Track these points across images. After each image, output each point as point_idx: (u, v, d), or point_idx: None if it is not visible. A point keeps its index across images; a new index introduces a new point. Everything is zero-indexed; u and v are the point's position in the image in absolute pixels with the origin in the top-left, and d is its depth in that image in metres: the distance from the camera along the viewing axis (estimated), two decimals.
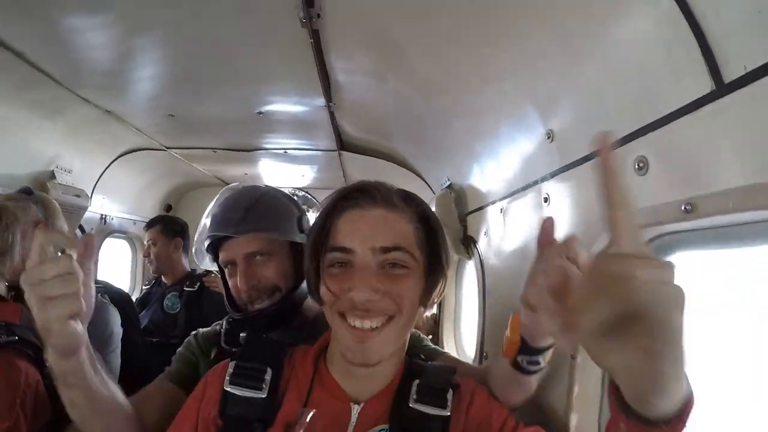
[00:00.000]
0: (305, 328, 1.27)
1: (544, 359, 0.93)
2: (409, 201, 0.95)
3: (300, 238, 1.31)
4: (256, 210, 1.31)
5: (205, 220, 1.37)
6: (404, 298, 0.89)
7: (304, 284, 1.16)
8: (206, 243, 1.34)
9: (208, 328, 1.40)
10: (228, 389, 0.94)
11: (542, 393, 1.16)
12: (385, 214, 0.91)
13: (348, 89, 1.96)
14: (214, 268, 1.42)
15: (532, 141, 1.25)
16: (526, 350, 0.91)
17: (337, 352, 0.96)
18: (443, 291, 1.00)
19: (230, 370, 0.96)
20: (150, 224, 3.02)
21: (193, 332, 1.41)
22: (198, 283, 2.78)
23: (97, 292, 1.87)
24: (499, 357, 0.99)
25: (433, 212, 0.99)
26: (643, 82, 0.81)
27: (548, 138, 1.15)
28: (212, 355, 1.30)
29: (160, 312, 2.76)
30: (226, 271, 1.34)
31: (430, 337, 2.60)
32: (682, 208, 0.74)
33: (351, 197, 0.93)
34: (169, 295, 2.80)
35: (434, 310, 2.81)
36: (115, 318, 1.94)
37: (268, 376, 0.95)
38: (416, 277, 0.91)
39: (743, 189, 0.63)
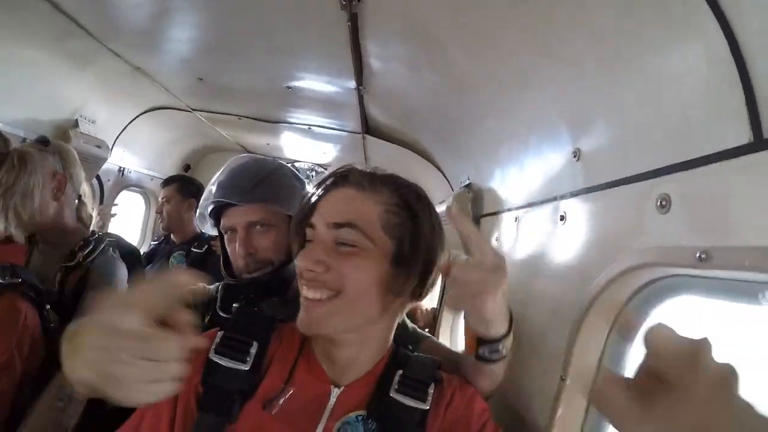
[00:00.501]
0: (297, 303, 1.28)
1: (505, 347, 0.96)
2: (388, 185, 0.95)
3: None
4: (265, 183, 1.34)
5: (211, 187, 1.38)
6: (347, 276, 0.88)
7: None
8: (210, 208, 1.37)
9: (202, 295, 1.41)
10: (213, 358, 0.94)
11: (527, 407, 1.17)
12: (352, 193, 0.93)
13: (380, 75, 1.94)
14: (213, 232, 1.46)
15: (558, 156, 1.22)
16: (484, 342, 0.95)
17: None
18: (431, 285, 0.98)
19: (217, 339, 0.97)
20: (167, 182, 3.05)
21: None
22: (206, 246, 2.81)
23: (109, 246, 1.92)
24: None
25: (422, 202, 0.97)
26: (680, 120, 0.79)
27: (575, 156, 1.13)
28: (206, 320, 1.33)
29: (165, 268, 2.79)
30: (225, 236, 1.38)
31: (427, 330, 2.60)
32: (697, 255, 0.71)
33: (335, 179, 0.97)
34: (175, 253, 2.84)
35: (434, 304, 2.82)
36: (123, 273, 1.97)
37: (253, 350, 0.96)
38: (370, 259, 0.90)
39: (763, 249, 0.60)
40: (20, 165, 1.49)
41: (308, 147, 3.96)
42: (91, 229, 1.97)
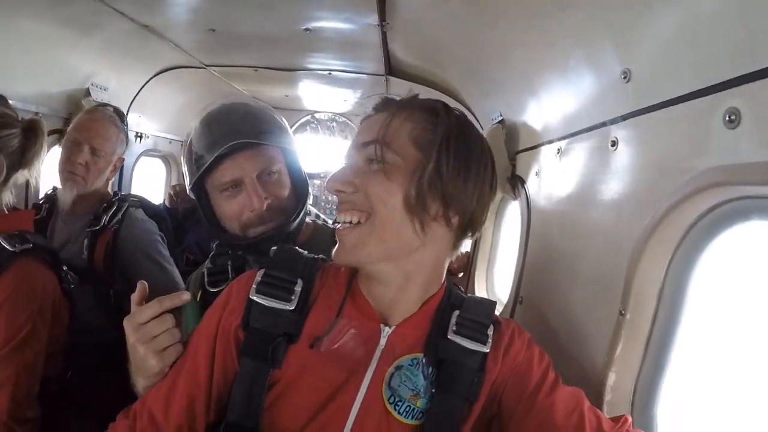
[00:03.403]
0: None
1: None
2: (422, 103, 0.93)
3: (296, 155, 1.31)
4: (271, 122, 1.25)
5: (204, 132, 1.22)
6: (373, 194, 0.85)
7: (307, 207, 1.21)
8: (216, 153, 1.17)
9: (197, 270, 1.35)
10: (254, 298, 0.90)
11: (582, 348, 1.14)
12: (383, 116, 0.90)
13: (404, 7, 1.83)
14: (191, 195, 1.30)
15: (604, 79, 1.14)
16: None
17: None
18: (475, 219, 0.92)
19: (258, 278, 0.93)
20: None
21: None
22: None
23: (132, 206, 1.93)
24: None
25: (459, 122, 0.92)
26: (746, 28, 0.70)
27: (624, 77, 1.04)
28: (198, 298, 1.25)
29: (203, 230, 2.80)
30: (220, 196, 1.23)
31: (461, 275, 2.57)
32: None
33: (372, 109, 0.96)
34: None
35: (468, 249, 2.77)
36: (152, 225, 1.98)
37: (298, 288, 0.92)
38: (398, 174, 0.85)
39: None
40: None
41: (328, 95, 3.87)
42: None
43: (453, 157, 0.87)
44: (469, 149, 0.90)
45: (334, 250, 0.90)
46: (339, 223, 0.90)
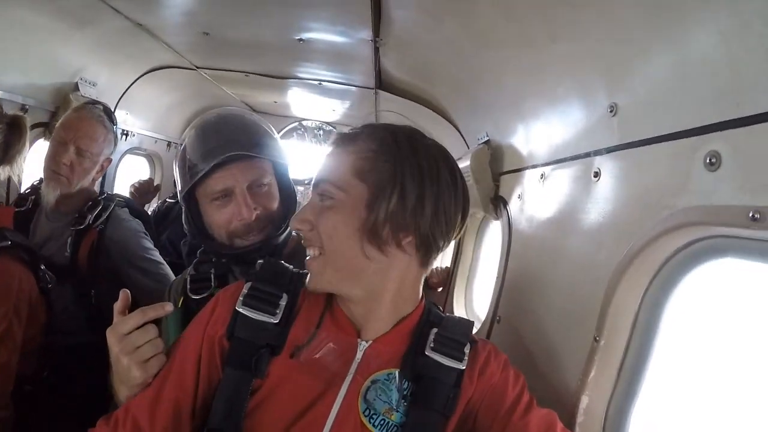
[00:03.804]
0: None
1: None
2: (365, 134, 0.94)
3: (287, 169, 1.34)
4: (263, 136, 1.27)
5: (198, 142, 1.24)
6: (321, 230, 0.90)
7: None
8: (199, 171, 1.19)
9: (179, 277, 1.35)
10: (240, 310, 0.93)
11: (556, 370, 1.16)
12: (332, 152, 0.94)
13: (399, 26, 1.86)
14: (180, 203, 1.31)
15: (591, 111, 1.17)
16: None
17: None
18: (433, 238, 0.92)
19: (245, 291, 0.95)
20: None
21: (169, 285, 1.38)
22: None
23: (118, 205, 1.91)
24: None
25: (403, 143, 0.91)
26: (734, 74, 0.74)
27: (611, 111, 1.08)
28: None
29: (180, 231, 2.77)
30: (210, 206, 1.24)
31: (440, 290, 2.59)
32: (750, 215, 0.68)
33: (330, 146, 0.97)
34: None
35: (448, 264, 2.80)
36: (137, 224, 1.96)
37: (283, 302, 0.95)
38: (344, 208, 0.89)
39: None
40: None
41: (317, 104, 3.88)
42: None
43: (398, 184, 0.88)
44: (421, 171, 0.90)
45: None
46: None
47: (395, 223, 0.88)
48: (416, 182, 0.88)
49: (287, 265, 1.03)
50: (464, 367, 0.93)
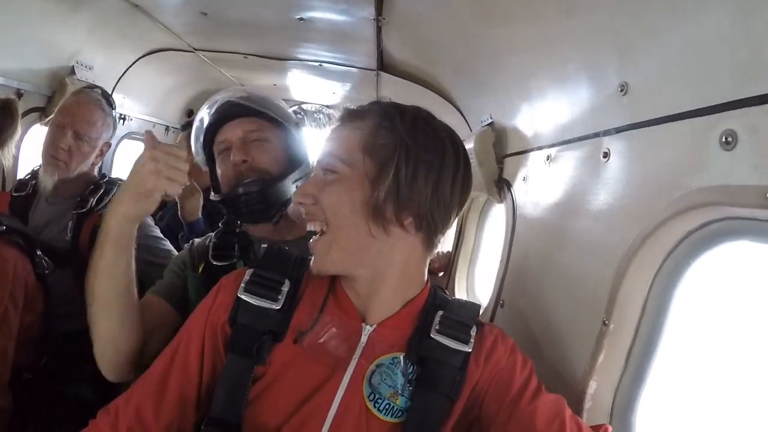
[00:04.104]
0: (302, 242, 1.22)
1: None
2: (372, 110, 0.95)
3: (296, 139, 1.41)
4: (261, 98, 1.38)
5: (204, 112, 1.38)
6: (326, 203, 0.90)
7: (290, 184, 1.29)
8: (203, 138, 1.37)
9: (200, 241, 1.40)
10: (242, 296, 0.93)
11: (563, 355, 1.15)
12: (338, 128, 0.96)
13: (402, 2, 1.82)
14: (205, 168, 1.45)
15: (601, 90, 1.14)
16: None
17: None
18: (438, 215, 0.92)
19: (247, 277, 0.95)
20: (185, 127, 2.97)
21: (189, 242, 1.41)
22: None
23: (115, 185, 1.88)
24: None
25: (411, 121, 0.92)
26: (750, 51, 0.71)
27: (621, 90, 1.05)
28: (200, 270, 1.30)
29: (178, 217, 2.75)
30: (219, 158, 1.37)
31: (441, 274, 2.57)
32: (766, 195, 0.66)
33: (335, 124, 0.99)
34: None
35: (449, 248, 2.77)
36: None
37: (285, 288, 0.95)
38: (348, 182, 0.89)
39: None
40: None
41: (317, 86, 3.83)
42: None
43: (404, 161, 0.88)
44: (423, 150, 0.90)
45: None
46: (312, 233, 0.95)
47: (396, 202, 0.88)
48: (415, 161, 0.88)
49: (291, 251, 1.04)
50: (470, 350, 0.92)
